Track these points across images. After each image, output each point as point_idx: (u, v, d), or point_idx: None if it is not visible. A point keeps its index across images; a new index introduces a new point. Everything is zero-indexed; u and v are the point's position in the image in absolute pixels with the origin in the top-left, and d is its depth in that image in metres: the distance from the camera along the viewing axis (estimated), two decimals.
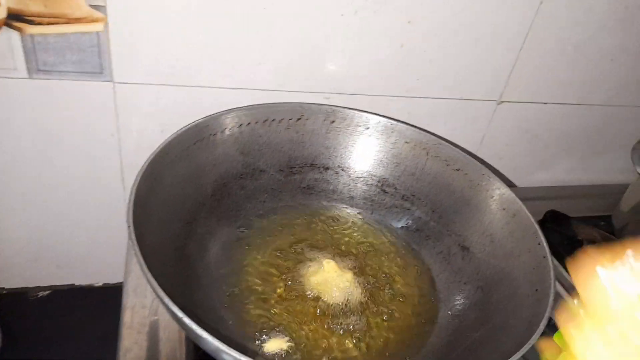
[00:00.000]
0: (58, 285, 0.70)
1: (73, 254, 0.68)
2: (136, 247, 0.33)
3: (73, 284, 0.71)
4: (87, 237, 0.66)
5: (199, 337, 0.29)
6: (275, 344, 0.41)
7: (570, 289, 0.59)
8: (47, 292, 0.70)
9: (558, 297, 0.57)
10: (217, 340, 0.29)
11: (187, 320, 0.29)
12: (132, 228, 0.34)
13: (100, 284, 0.72)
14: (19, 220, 0.62)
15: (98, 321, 0.69)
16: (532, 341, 0.34)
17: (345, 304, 0.45)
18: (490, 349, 0.38)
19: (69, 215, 0.63)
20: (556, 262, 0.62)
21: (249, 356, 0.29)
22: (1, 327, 0.65)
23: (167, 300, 0.30)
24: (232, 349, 0.29)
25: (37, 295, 0.70)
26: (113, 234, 0.66)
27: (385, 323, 0.45)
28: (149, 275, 0.31)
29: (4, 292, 0.68)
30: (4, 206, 0.60)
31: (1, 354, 0.64)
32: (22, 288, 0.69)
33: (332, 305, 0.45)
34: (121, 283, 0.50)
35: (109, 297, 0.71)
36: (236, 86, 0.56)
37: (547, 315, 0.36)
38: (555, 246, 0.64)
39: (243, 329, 0.42)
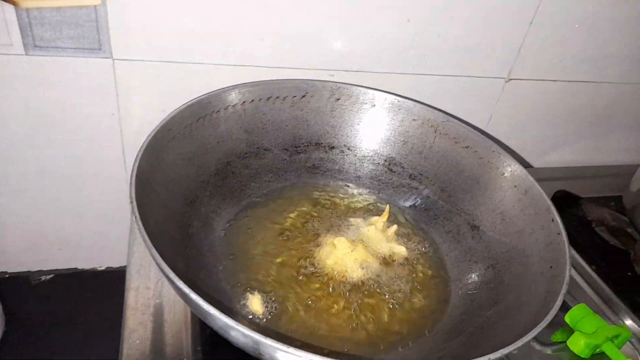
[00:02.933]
0: (61, 269, 0.70)
1: (75, 238, 0.67)
2: (139, 223, 0.32)
3: (76, 268, 0.70)
4: (88, 220, 0.65)
5: (207, 313, 0.29)
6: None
7: (579, 269, 0.58)
8: (50, 275, 0.70)
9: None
10: (225, 316, 0.28)
11: (193, 296, 0.28)
12: (134, 204, 0.33)
13: (103, 267, 0.71)
14: (17, 203, 0.61)
15: (101, 305, 0.69)
16: (548, 318, 0.33)
17: (359, 280, 0.44)
18: (503, 327, 0.38)
19: (69, 197, 0.62)
20: None
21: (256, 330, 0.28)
22: (4, 311, 0.65)
23: (172, 275, 0.29)
24: (240, 324, 0.28)
25: (40, 279, 0.69)
26: (115, 216, 0.65)
27: (397, 300, 0.44)
28: (154, 250, 0.30)
29: (6, 275, 0.68)
30: (2, 189, 0.59)
31: (4, 337, 0.64)
32: (24, 272, 0.69)
33: (346, 281, 0.44)
34: (124, 267, 0.49)
35: (112, 281, 0.71)
36: (237, 63, 0.55)
37: (563, 292, 0.35)
38: (565, 227, 0.64)
39: (249, 307, 0.41)
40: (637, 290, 0.56)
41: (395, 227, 0.51)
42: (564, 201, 0.66)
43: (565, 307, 0.49)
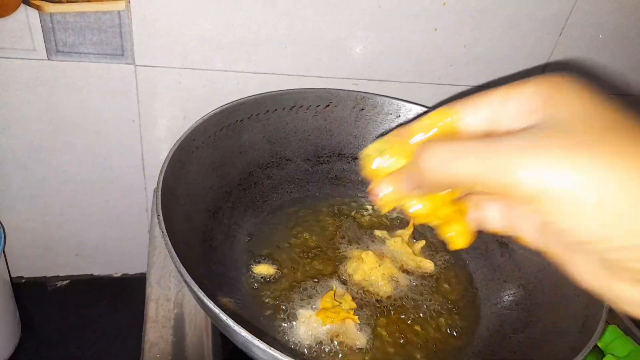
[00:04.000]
0: (77, 275, 0.69)
1: (92, 244, 0.66)
2: (166, 238, 0.31)
3: (92, 274, 0.70)
4: (106, 227, 0.64)
5: (230, 329, 0.27)
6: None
7: None
8: (66, 281, 0.69)
9: None
10: (249, 334, 0.27)
11: (217, 310, 0.27)
12: (161, 218, 0.32)
13: (119, 274, 0.71)
14: (35, 208, 0.60)
15: (117, 311, 0.68)
16: (590, 345, 0.31)
17: (391, 295, 0.43)
18: (539, 354, 0.36)
19: (87, 203, 0.61)
20: None
21: (279, 349, 0.26)
22: (20, 317, 0.64)
23: (199, 292, 0.28)
24: (262, 342, 0.27)
25: (56, 284, 0.69)
26: (133, 223, 0.64)
27: (425, 321, 0.43)
28: (181, 267, 0.29)
29: (23, 280, 0.67)
30: (21, 193, 0.58)
31: (21, 343, 0.63)
32: (41, 277, 0.68)
33: (376, 298, 0.43)
34: (140, 274, 0.48)
35: (128, 288, 0.70)
36: (260, 71, 0.54)
37: (603, 317, 0.34)
38: None
39: (273, 322, 0.40)
40: None
41: (423, 242, 0.49)
42: None
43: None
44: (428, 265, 0.47)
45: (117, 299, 0.69)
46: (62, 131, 0.54)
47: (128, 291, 0.69)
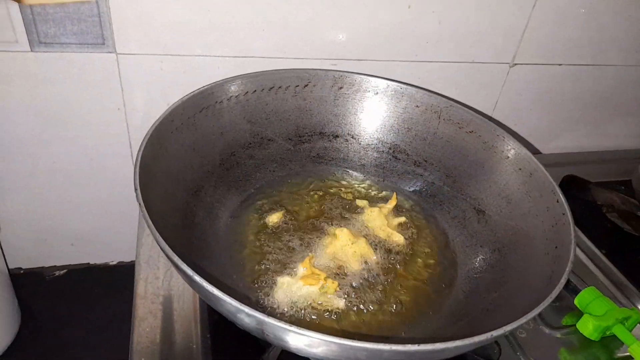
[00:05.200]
0: (73, 265, 0.71)
1: (87, 233, 0.68)
2: (143, 209, 0.32)
3: (88, 263, 0.71)
4: (99, 216, 0.66)
5: (213, 296, 0.29)
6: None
7: (589, 253, 0.58)
8: (63, 271, 0.71)
9: (576, 261, 0.56)
10: (229, 297, 0.28)
11: (197, 278, 0.29)
12: (138, 192, 0.34)
13: (115, 262, 0.72)
14: (28, 200, 0.62)
15: (114, 299, 0.70)
16: (552, 295, 0.33)
17: (362, 270, 0.45)
18: (509, 308, 0.37)
19: (79, 193, 0.63)
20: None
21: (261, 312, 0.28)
22: (19, 306, 0.66)
23: (176, 259, 0.30)
24: (246, 306, 0.28)
25: (54, 274, 0.70)
26: (126, 211, 0.66)
27: (402, 286, 0.44)
28: (157, 234, 0.30)
29: (21, 271, 0.69)
30: (12, 185, 0.60)
31: (20, 332, 0.65)
32: (38, 268, 0.70)
33: (349, 272, 0.44)
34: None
35: (124, 275, 0.72)
36: (239, 54, 0.55)
37: (568, 269, 0.35)
38: (574, 211, 0.63)
39: (253, 290, 0.42)
40: None
41: (402, 219, 0.51)
42: (573, 186, 0.66)
43: (575, 291, 0.49)
44: (397, 239, 0.48)
45: (114, 286, 0.71)
46: (48, 122, 0.55)
47: (124, 279, 0.70)
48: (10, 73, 0.51)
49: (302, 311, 0.40)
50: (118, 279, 0.72)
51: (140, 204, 0.33)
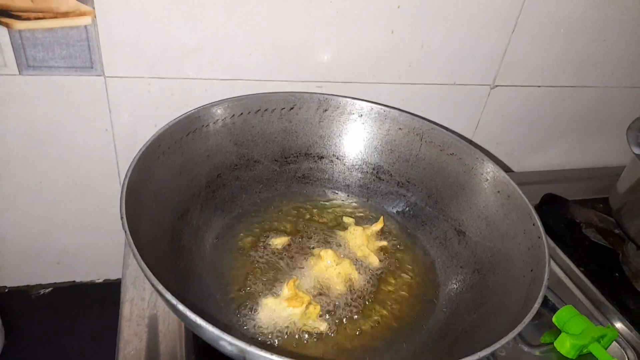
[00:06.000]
0: (59, 283, 0.71)
1: (72, 251, 0.68)
2: (129, 238, 0.33)
3: (74, 281, 0.71)
4: (85, 234, 0.66)
5: (195, 324, 0.30)
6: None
7: (567, 271, 0.59)
8: (49, 289, 0.71)
9: (555, 278, 0.58)
10: (214, 327, 0.29)
11: (181, 307, 0.29)
12: (124, 219, 0.34)
13: (101, 280, 0.72)
14: (15, 218, 0.62)
15: (100, 317, 0.70)
16: (526, 320, 0.34)
17: (346, 291, 0.45)
18: (486, 329, 0.39)
19: (66, 212, 0.63)
20: (553, 244, 0.62)
21: (243, 340, 0.29)
22: (4, 325, 0.66)
23: (161, 288, 0.30)
24: (228, 335, 0.29)
25: (39, 292, 0.70)
26: (112, 229, 0.66)
27: (385, 307, 0.45)
28: (143, 264, 0.31)
29: (6, 290, 0.69)
30: None
31: (4, 351, 0.65)
32: (24, 286, 0.70)
33: (332, 293, 0.45)
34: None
35: (110, 293, 0.71)
36: (226, 77, 0.56)
37: (542, 293, 0.36)
38: (554, 229, 0.65)
39: (236, 313, 0.42)
40: (624, 291, 0.57)
41: (384, 243, 0.52)
42: (552, 204, 0.67)
43: (553, 309, 0.50)
44: (372, 260, 0.49)
45: (100, 304, 0.70)
46: (36, 143, 0.56)
47: (110, 296, 0.70)
48: None
49: (285, 333, 0.41)
50: (104, 297, 0.72)
51: (126, 232, 0.34)
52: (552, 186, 0.71)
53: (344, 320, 0.44)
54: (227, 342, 0.29)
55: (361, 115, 0.57)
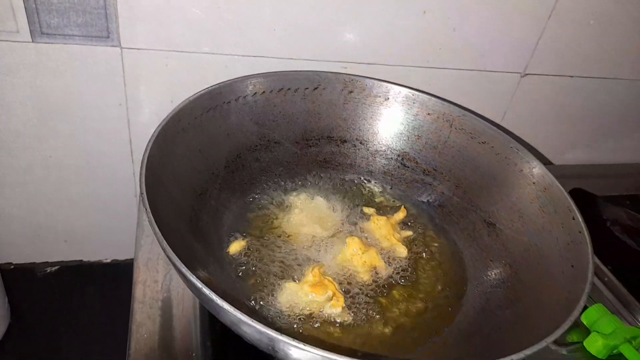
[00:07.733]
0: (66, 261, 0.69)
1: (81, 230, 0.66)
2: (150, 216, 0.31)
3: (82, 260, 0.70)
4: (95, 212, 0.64)
5: (220, 309, 0.28)
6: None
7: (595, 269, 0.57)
8: (55, 267, 0.69)
9: None
10: (240, 312, 0.27)
11: (206, 290, 0.27)
12: (144, 196, 0.32)
13: (109, 260, 0.70)
14: (23, 194, 0.60)
15: (107, 298, 0.68)
16: (571, 319, 0.32)
17: (372, 281, 0.43)
18: (522, 328, 0.36)
19: (75, 189, 0.61)
20: None
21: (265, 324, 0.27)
22: (10, 302, 0.64)
23: (185, 270, 0.28)
24: (252, 319, 0.27)
25: (45, 270, 0.68)
26: (122, 208, 0.64)
27: (411, 300, 0.43)
28: (166, 245, 0.29)
29: (12, 267, 0.67)
30: (7, 180, 0.58)
31: (10, 329, 0.63)
32: (30, 263, 0.68)
33: (357, 282, 0.43)
34: (130, 259, 0.48)
35: (118, 274, 0.70)
36: (248, 54, 0.54)
37: (586, 292, 0.34)
38: None
39: (256, 296, 0.40)
40: None
41: (409, 233, 0.49)
42: (579, 199, 0.64)
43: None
44: (401, 251, 0.47)
45: (107, 284, 0.69)
46: (47, 116, 0.53)
47: (118, 277, 0.69)
48: (9, 63, 0.49)
49: (305, 319, 0.39)
50: (111, 277, 0.70)
51: (147, 210, 0.31)
52: (579, 181, 0.68)
53: (368, 311, 0.41)
54: (256, 329, 0.27)
55: (388, 99, 0.54)
